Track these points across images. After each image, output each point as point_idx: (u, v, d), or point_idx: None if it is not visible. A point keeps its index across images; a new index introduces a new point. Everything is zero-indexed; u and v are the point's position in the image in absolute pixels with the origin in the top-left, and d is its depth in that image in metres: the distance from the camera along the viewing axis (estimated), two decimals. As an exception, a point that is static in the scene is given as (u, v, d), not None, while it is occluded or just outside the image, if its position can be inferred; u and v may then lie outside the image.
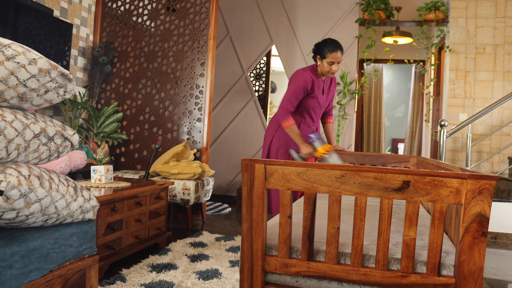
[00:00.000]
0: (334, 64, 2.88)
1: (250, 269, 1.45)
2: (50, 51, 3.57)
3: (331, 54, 2.85)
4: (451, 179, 1.25)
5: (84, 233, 1.53)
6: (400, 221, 1.86)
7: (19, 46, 1.23)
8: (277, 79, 9.17)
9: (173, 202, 3.67)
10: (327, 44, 2.87)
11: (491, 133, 4.67)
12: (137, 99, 4.30)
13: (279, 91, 9.22)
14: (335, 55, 2.85)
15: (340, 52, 2.87)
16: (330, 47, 2.86)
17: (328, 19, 5.18)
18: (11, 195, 1.15)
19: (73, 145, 1.46)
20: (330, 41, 2.88)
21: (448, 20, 5.02)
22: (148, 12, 4.31)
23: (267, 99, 6.41)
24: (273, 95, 9.12)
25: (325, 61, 2.88)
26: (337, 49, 2.86)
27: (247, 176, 1.41)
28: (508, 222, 3.75)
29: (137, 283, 2.21)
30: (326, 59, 2.88)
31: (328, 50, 2.86)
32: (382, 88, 7.51)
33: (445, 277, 1.30)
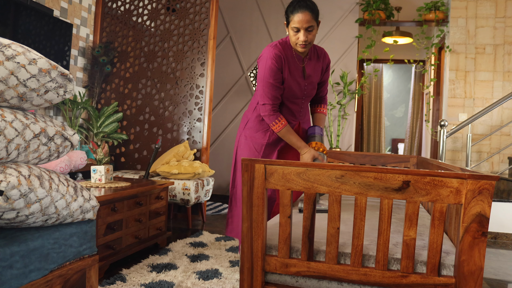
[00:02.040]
0: (301, 32, 2.12)
1: (250, 269, 1.45)
2: (50, 51, 3.57)
3: (293, 16, 2.10)
4: (451, 179, 1.25)
5: (84, 233, 1.53)
6: (400, 221, 1.86)
7: (19, 46, 1.23)
8: (277, 79, 9.16)
9: (173, 202, 3.67)
10: (290, 3, 2.15)
11: (491, 133, 4.67)
12: (137, 99, 4.30)
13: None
14: (298, 18, 2.08)
15: (306, 13, 2.08)
16: (292, 6, 2.12)
17: (328, 19, 5.18)
18: (11, 195, 1.15)
19: (73, 145, 1.46)
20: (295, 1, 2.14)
21: (448, 20, 5.02)
22: (148, 12, 4.31)
23: (267, 99, 6.41)
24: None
25: (290, 27, 2.15)
26: (301, 9, 2.08)
27: (247, 176, 1.41)
28: (508, 222, 3.75)
29: (137, 283, 2.21)
30: (290, 24, 2.15)
31: (290, 12, 2.13)
32: (382, 88, 7.51)
33: (445, 277, 1.30)
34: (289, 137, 2.23)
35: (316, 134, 2.26)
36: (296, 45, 2.19)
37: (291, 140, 2.23)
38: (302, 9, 2.08)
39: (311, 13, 2.10)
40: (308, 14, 2.09)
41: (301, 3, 2.10)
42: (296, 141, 2.22)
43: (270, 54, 2.19)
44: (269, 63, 2.18)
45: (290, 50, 2.25)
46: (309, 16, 2.09)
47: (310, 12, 2.10)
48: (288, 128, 2.23)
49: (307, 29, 2.11)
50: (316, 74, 2.36)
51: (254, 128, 2.37)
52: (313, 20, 2.12)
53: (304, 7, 2.09)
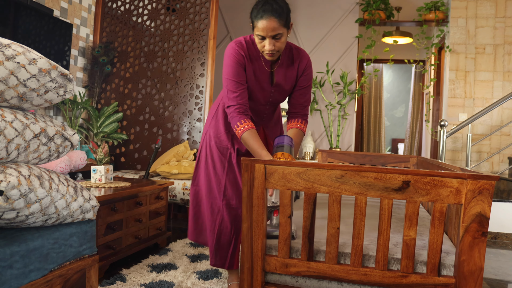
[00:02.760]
0: (266, 40, 1.81)
1: (250, 269, 1.45)
2: (50, 51, 3.57)
3: (257, 22, 1.79)
4: (451, 179, 1.25)
5: (84, 233, 1.53)
6: (400, 221, 1.86)
7: (19, 46, 1.23)
8: (277, 79, 9.16)
9: (173, 202, 3.67)
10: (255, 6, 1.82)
11: (491, 133, 4.67)
12: (137, 99, 4.30)
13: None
14: (262, 25, 1.77)
15: (272, 19, 1.75)
16: (256, 10, 1.80)
17: (328, 19, 5.18)
18: (11, 195, 1.15)
19: (73, 145, 1.46)
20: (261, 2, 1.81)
21: (448, 20, 5.02)
22: (148, 12, 4.31)
23: (267, 99, 6.41)
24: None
25: (255, 33, 1.84)
26: (265, 15, 1.76)
27: (247, 176, 1.41)
28: (508, 222, 3.75)
29: (137, 283, 2.21)
30: (254, 30, 1.84)
31: (254, 16, 1.81)
32: (382, 88, 7.51)
33: (445, 277, 1.30)
34: (251, 142, 1.83)
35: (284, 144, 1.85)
36: (263, 53, 1.90)
37: (253, 146, 1.83)
38: (267, 15, 1.75)
39: (278, 19, 1.76)
40: (274, 20, 1.76)
41: (266, 6, 1.77)
42: (257, 148, 1.81)
43: (232, 51, 1.92)
44: (231, 61, 1.91)
45: (258, 51, 1.94)
46: (275, 23, 1.76)
47: (277, 17, 1.76)
48: (251, 132, 1.85)
49: (274, 37, 1.80)
50: (288, 81, 2.01)
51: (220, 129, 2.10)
52: (281, 27, 1.79)
53: (270, 12, 1.75)
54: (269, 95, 2.02)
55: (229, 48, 1.94)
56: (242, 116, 1.88)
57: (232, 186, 2.05)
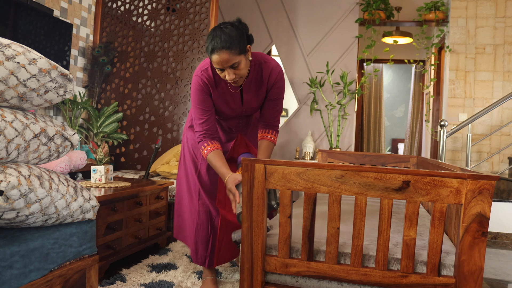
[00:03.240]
0: (226, 70, 1.81)
1: (250, 269, 1.45)
2: (50, 51, 3.57)
3: (212, 56, 1.79)
4: (451, 179, 1.25)
5: (84, 233, 1.53)
6: (400, 221, 1.86)
7: (19, 46, 1.23)
8: (277, 79, 9.16)
9: (173, 202, 3.67)
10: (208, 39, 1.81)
11: (491, 133, 4.67)
12: (137, 99, 4.30)
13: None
14: (216, 59, 1.77)
15: (223, 51, 1.74)
16: (207, 45, 1.80)
17: (328, 19, 5.18)
18: (11, 195, 1.15)
19: (73, 145, 1.46)
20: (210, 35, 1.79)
21: (448, 20, 5.02)
22: (148, 12, 4.31)
23: (267, 99, 6.41)
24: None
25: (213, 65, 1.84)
26: (216, 50, 1.75)
27: (247, 176, 1.41)
28: (508, 222, 3.75)
29: (137, 283, 2.21)
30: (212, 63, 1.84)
31: (208, 52, 1.81)
32: (382, 88, 7.51)
33: (445, 277, 1.30)
34: (214, 163, 1.95)
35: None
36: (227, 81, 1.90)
37: (215, 165, 1.95)
38: (218, 49, 1.75)
39: (229, 50, 1.74)
40: (225, 53, 1.75)
41: (215, 41, 1.75)
42: (219, 167, 1.93)
43: (197, 79, 1.96)
44: (195, 89, 1.97)
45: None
46: (227, 55, 1.75)
47: (228, 49, 1.74)
48: (214, 154, 1.95)
49: (232, 66, 1.79)
50: (258, 98, 2.04)
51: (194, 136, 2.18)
52: (235, 56, 1.77)
53: (219, 46, 1.74)
54: (240, 112, 2.08)
55: (194, 76, 1.98)
56: (207, 139, 1.98)
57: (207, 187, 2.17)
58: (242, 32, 1.82)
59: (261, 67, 2.00)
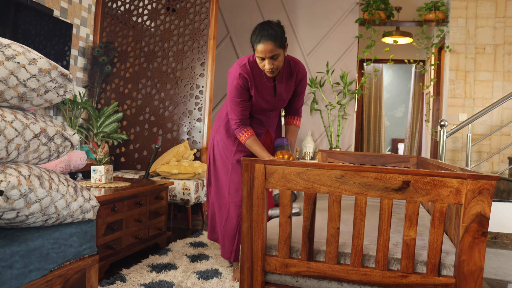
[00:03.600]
0: (266, 60, 2.07)
1: (250, 269, 1.45)
2: (50, 51, 3.57)
3: (256, 46, 2.06)
4: (451, 179, 1.25)
5: (84, 233, 1.53)
6: (400, 221, 1.86)
7: (19, 46, 1.23)
8: (277, 79, 9.16)
9: (173, 202, 3.67)
10: (254, 31, 2.08)
11: (491, 133, 4.67)
12: (137, 99, 4.30)
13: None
14: (261, 48, 2.04)
15: (269, 43, 2.01)
16: (254, 35, 2.06)
17: (328, 19, 5.18)
18: (11, 195, 1.15)
19: (73, 145, 1.46)
20: (258, 28, 2.06)
21: (448, 20, 5.02)
22: (148, 12, 4.31)
23: (267, 99, 6.41)
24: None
25: (255, 54, 2.11)
26: (263, 39, 2.02)
27: (247, 176, 1.41)
28: (508, 222, 3.75)
29: (137, 283, 2.21)
30: (254, 52, 2.11)
31: (253, 41, 2.08)
32: (382, 88, 7.51)
33: (445, 277, 1.30)
34: (254, 147, 2.22)
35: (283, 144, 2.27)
36: (264, 71, 2.16)
37: (255, 150, 2.22)
38: (264, 39, 2.02)
39: (274, 41, 2.03)
40: (270, 44, 2.02)
41: (263, 32, 2.03)
42: (260, 151, 2.21)
43: (236, 74, 2.19)
44: (235, 83, 2.19)
45: (260, 69, 2.20)
46: (271, 46, 2.03)
47: (273, 41, 2.02)
48: (253, 139, 2.23)
49: (272, 57, 2.07)
50: (288, 91, 2.33)
51: (225, 135, 2.41)
52: (277, 48, 2.05)
53: (266, 36, 2.02)
54: (272, 104, 2.34)
55: (234, 71, 2.23)
56: (242, 126, 2.24)
57: (235, 185, 2.34)
58: (283, 30, 2.11)
59: (290, 64, 2.30)
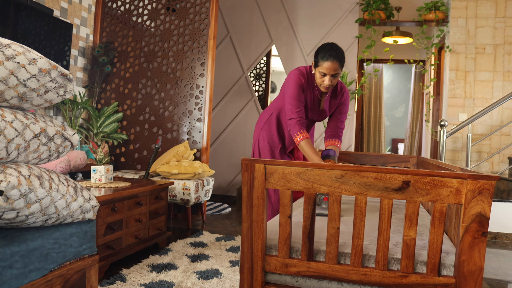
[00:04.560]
0: (327, 77, 2.30)
1: (250, 269, 1.45)
2: (50, 51, 3.57)
3: (323, 63, 2.28)
4: (451, 179, 1.25)
5: (84, 233, 1.53)
6: (400, 221, 1.86)
7: (19, 46, 1.23)
8: (277, 79, 9.17)
9: (173, 202, 3.67)
10: (323, 49, 2.30)
11: (491, 133, 4.67)
12: (137, 99, 4.30)
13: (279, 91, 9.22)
14: (327, 65, 2.27)
15: (335, 62, 2.26)
16: (324, 53, 2.28)
17: (328, 19, 5.18)
18: (11, 195, 1.15)
19: (73, 145, 1.46)
20: (328, 47, 2.30)
21: (448, 20, 5.02)
22: (148, 12, 4.31)
23: (267, 99, 6.41)
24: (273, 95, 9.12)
25: (317, 70, 2.33)
26: (332, 58, 2.25)
27: (247, 176, 1.41)
28: (508, 222, 3.75)
29: (137, 283, 2.21)
30: (318, 68, 2.32)
31: (321, 58, 2.30)
32: (382, 88, 7.51)
33: (445, 277, 1.30)
34: (307, 150, 2.32)
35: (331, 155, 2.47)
36: (320, 85, 2.37)
37: (308, 153, 2.32)
38: (332, 59, 2.26)
39: (339, 62, 2.28)
40: (336, 63, 2.27)
41: (332, 52, 2.26)
42: (312, 154, 2.30)
43: (296, 77, 2.40)
44: (295, 84, 2.39)
45: (313, 80, 2.43)
46: (337, 65, 2.28)
47: (339, 61, 2.28)
48: (307, 141, 2.33)
49: (333, 75, 2.31)
50: (330, 108, 2.56)
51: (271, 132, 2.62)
52: (340, 68, 2.30)
53: (334, 56, 2.26)
54: (315, 115, 2.55)
55: (294, 75, 2.42)
56: (301, 127, 2.36)
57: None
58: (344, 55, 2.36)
59: (337, 86, 2.52)
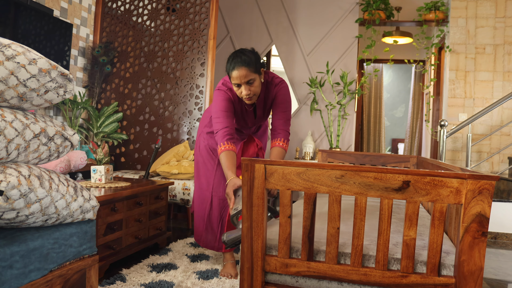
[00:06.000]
0: (242, 86, 2.12)
1: (250, 269, 1.45)
2: (50, 51, 3.57)
3: (232, 73, 2.10)
4: (451, 179, 1.25)
5: (84, 233, 1.53)
6: (400, 221, 1.86)
7: (19, 46, 1.23)
8: (277, 79, 9.16)
9: (173, 202, 3.67)
10: (228, 60, 2.13)
11: (491, 133, 4.67)
12: (137, 99, 4.30)
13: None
14: (236, 75, 2.09)
15: (243, 68, 2.07)
16: (228, 64, 2.12)
17: (328, 19, 5.18)
18: (11, 195, 1.15)
19: (73, 145, 1.46)
20: (232, 56, 2.12)
21: (448, 20, 5.02)
22: (148, 12, 4.31)
23: (267, 99, 6.40)
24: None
25: (232, 83, 2.15)
26: (236, 66, 2.07)
27: (247, 176, 1.41)
28: (508, 222, 3.75)
29: (137, 283, 2.21)
30: (231, 80, 2.14)
31: (228, 69, 2.13)
32: (382, 88, 7.51)
33: (445, 277, 1.30)
34: (223, 162, 2.12)
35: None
36: (243, 98, 2.19)
37: (223, 166, 2.12)
38: (238, 66, 2.07)
39: (248, 67, 2.08)
40: (244, 69, 2.07)
41: (236, 59, 2.09)
42: (226, 168, 2.10)
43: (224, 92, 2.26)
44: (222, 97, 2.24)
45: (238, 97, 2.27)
46: (245, 71, 2.08)
47: (247, 66, 2.07)
48: (227, 153, 2.12)
49: (248, 82, 2.11)
50: (266, 111, 2.41)
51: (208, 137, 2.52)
52: (252, 73, 2.10)
53: (240, 63, 2.07)
54: (252, 124, 2.46)
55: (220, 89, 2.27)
56: (225, 137, 2.16)
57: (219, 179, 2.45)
58: (257, 56, 2.15)
59: (267, 86, 2.32)
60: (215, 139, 2.31)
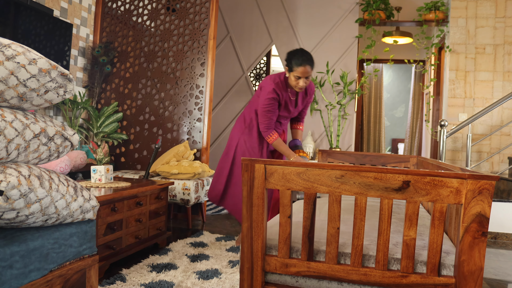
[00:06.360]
0: (301, 79, 2.70)
1: (250, 269, 1.45)
2: (50, 51, 3.57)
3: (298, 68, 2.66)
4: (451, 179, 1.25)
5: (84, 233, 1.53)
6: (400, 221, 1.86)
7: (19, 46, 1.23)
8: (277, 79, 9.16)
9: (173, 202, 3.67)
10: (296, 56, 2.67)
11: (491, 133, 4.67)
12: (137, 99, 4.30)
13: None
14: (302, 70, 2.66)
15: (308, 66, 2.66)
16: (297, 60, 2.66)
17: (328, 19, 5.18)
18: (11, 195, 1.15)
19: (73, 145, 1.46)
20: (299, 54, 2.67)
21: (448, 20, 5.02)
22: (148, 12, 4.31)
23: (267, 99, 6.40)
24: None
25: (292, 74, 2.71)
26: (304, 63, 2.65)
27: (247, 176, 1.41)
28: (508, 222, 3.75)
29: (137, 283, 2.21)
30: (293, 72, 2.70)
31: (295, 64, 2.67)
32: (382, 88, 7.50)
33: (445, 277, 1.30)
34: (280, 147, 2.83)
35: (299, 145, 3.03)
36: (295, 87, 2.77)
37: (281, 149, 2.83)
38: (305, 63, 2.64)
39: (311, 66, 2.69)
40: (309, 67, 2.67)
41: (304, 57, 2.65)
42: (285, 149, 2.82)
43: (270, 89, 2.77)
44: (270, 96, 2.76)
45: (285, 87, 2.83)
46: (309, 69, 2.68)
47: (311, 65, 2.68)
48: (279, 140, 2.83)
49: (307, 77, 2.72)
50: (303, 104, 3.04)
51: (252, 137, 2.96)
52: (311, 71, 2.71)
53: (307, 62, 2.65)
54: (292, 111, 2.98)
55: (268, 86, 2.79)
56: (270, 130, 2.82)
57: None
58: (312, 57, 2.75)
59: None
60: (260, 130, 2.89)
